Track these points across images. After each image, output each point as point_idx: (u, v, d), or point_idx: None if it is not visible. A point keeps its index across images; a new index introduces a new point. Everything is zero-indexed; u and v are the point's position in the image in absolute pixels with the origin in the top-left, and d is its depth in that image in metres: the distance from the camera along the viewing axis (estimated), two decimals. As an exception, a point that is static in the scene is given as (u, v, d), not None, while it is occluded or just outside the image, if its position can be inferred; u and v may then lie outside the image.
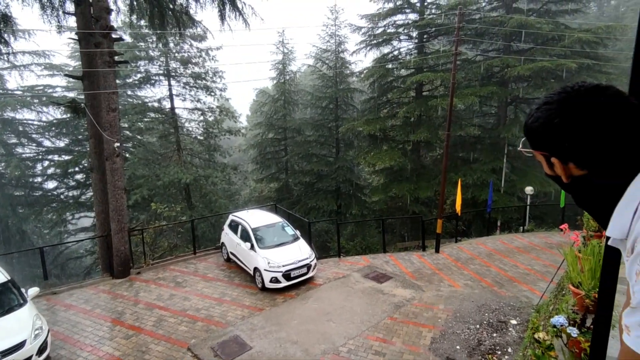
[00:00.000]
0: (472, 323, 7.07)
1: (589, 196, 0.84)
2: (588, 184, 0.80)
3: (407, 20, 21.53)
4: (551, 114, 0.80)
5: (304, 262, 9.11)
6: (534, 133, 0.85)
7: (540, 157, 0.88)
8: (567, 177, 0.82)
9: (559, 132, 0.79)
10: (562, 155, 0.81)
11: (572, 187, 0.85)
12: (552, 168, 0.85)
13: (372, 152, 19.19)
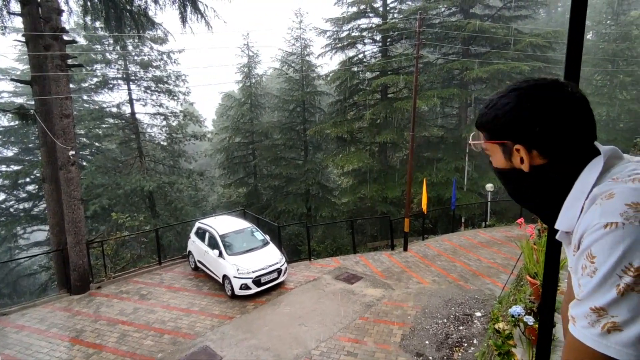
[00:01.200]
0: (440, 318, 7.28)
1: (543, 187, 0.83)
2: (546, 174, 0.81)
3: (371, 24, 21.97)
4: (521, 100, 0.81)
5: (274, 267, 9.02)
6: (499, 120, 0.84)
7: (495, 148, 0.87)
8: (529, 166, 0.82)
9: (530, 116, 0.80)
10: (530, 141, 0.81)
11: (529, 177, 0.83)
12: (509, 158, 0.85)
13: (340, 154, 19.38)
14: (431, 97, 17.29)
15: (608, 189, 0.69)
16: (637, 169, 0.72)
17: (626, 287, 0.61)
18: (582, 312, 0.66)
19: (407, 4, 22.44)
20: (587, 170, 0.77)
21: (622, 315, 0.61)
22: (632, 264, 0.60)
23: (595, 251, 0.65)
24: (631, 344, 0.61)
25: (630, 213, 0.62)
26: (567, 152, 0.80)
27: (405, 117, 18.96)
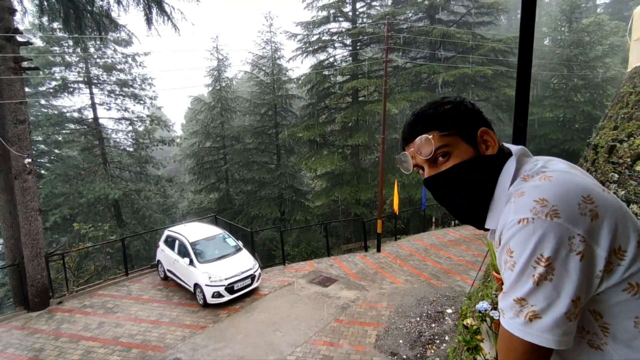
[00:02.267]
0: (413, 316, 7.41)
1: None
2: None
3: (341, 29, 22.22)
4: (456, 100, 0.89)
5: (247, 273, 8.87)
6: (456, 110, 0.86)
7: (456, 141, 0.84)
8: (495, 149, 0.85)
9: (468, 109, 0.87)
10: (469, 131, 0.85)
11: (492, 162, 0.84)
12: (475, 146, 0.85)
13: (313, 157, 19.41)
14: (401, 100, 17.68)
15: (520, 188, 0.74)
16: (544, 167, 0.77)
17: (540, 276, 0.65)
18: (508, 304, 0.70)
19: (376, 9, 22.89)
20: (505, 171, 0.83)
21: (539, 304, 0.66)
22: (543, 254, 0.65)
23: (513, 246, 0.69)
24: (549, 330, 0.65)
25: (538, 208, 0.67)
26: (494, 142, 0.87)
27: (376, 120, 19.27)
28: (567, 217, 0.65)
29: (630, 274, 0.67)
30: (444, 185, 0.86)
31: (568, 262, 0.64)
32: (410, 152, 0.89)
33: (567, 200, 0.67)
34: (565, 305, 0.65)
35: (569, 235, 0.64)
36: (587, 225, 0.65)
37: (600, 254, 0.66)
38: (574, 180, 0.71)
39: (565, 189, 0.68)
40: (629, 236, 0.67)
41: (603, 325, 0.70)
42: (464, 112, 0.86)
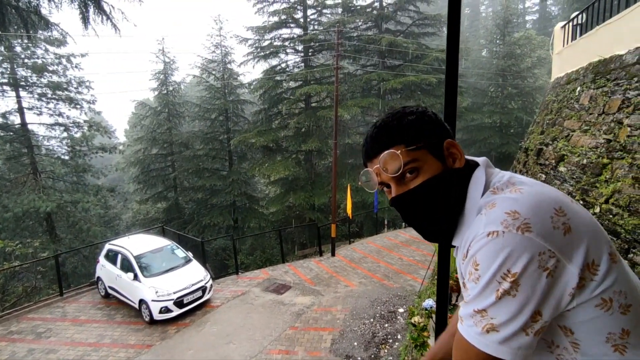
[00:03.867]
0: (367, 318, 7.52)
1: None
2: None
3: (293, 35, 22.32)
4: (418, 110, 0.84)
5: (198, 285, 8.49)
6: (420, 123, 0.80)
7: (424, 155, 0.79)
8: (462, 161, 0.81)
9: (432, 120, 0.82)
10: (436, 144, 0.80)
11: (459, 175, 0.81)
12: (442, 159, 0.80)
13: (267, 163, 19.18)
14: (352, 106, 18.09)
15: (491, 200, 0.72)
16: (512, 179, 0.76)
17: (504, 292, 0.63)
18: (468, 313, 0.69)
19: (327, 16, 23.31)
20: (473, 183, 0.79)
21: (499, 318, 0.65)
22: (510, 270, 0.63)
23: (479, 259, 0.67)
24: (505, 342, 0.65)
25: (509, 221, 0.64)
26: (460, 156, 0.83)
27: (329, 125, 19.52)
28: (539, 231, 0.63)
29: (603, 289, 0.65)
30: (414, 203, 0.80)
31: (534, 279, 0.62)
32: (375, 169, 0.81)
33: (539, 213, 0.64)
34: (524, 321, 0.64)
35: (539, 250, 0.62)
36: (560, 240, 0.63)
37: (572, 270, 0.63)
38: (545, 192, 0.69)
39: (538, 201, 0.66)
40: (601, 249, 0.66)
41: (574, 341, 0.69)
42: (428, 123, 0.81)
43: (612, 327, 0.65)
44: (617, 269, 0.66)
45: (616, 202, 3.63)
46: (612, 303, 0.65)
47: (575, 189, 4.62)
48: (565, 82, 6.92)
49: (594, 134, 4.75)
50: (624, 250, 3.27)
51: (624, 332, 0.65)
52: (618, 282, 0.65)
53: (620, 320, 0.65)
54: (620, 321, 0.65)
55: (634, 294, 0.67)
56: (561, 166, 5.40)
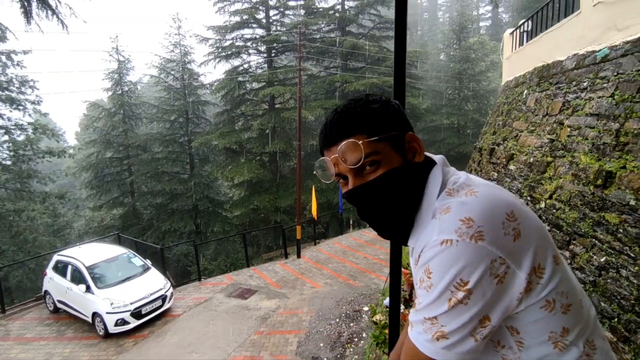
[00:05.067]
0: (333, 318, 7.54)
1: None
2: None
3: (255, 35, 22.07)
4: (383, 99, 0.79)
5: (157, 294, 8.13)
6: (384, 113, 0.76)
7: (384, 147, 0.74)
8: (422, 156, 0.78)
9: (396, 110, 0.78)
10: (398, 136, 0.76)
11: (418, 169, 0.77)
12: (403, 152, 0.76)
13: (230, 165, 18.79)
14: (316, 108, 18.15)
15: (445, 203, 0.70)
16: (468, 180, 0.74)
17: (457, 301, 0.63)
18: (418, 319, 0.69)
19: (290, 17, 23.26)
20: (430, 181, 0.76)
21: (450, 326, 0.65)
22: (463, 279, 0.63)
23: (432, 267, 0.65)
24: (453, 349, 0.65)
25: (463, 229, 0.63)
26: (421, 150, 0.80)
27: (293, 126, 19.46)
28: (491, 239, 0.63)
29: (548, 291, 0.66)
30: (371, 197, 0.75)
31: (486, 287, 0.63)
32: (333, 159, 0.75)
33: (492, 219, 0.64)
34: (472, 326, 0.64)
35: (491, 259, 0.62)
36: (510, 246, 0.63)
37: (520, 275, 0.64)
38: (498, 195, 0.69)
39: (492, 207, 0.66)
40: (547, 253, 0.67)
41: (519, 340, 0.70)
42: (392, 114, 0.76)
43: (554, 327, 0.68)
44: (560, 271, 0.68)
45: (559, 198, 3.88)
46: (555, 304, 0.67)
47: (524, 186, 4.90)
48: (514, 85, 7.34)
49: (539, 134, 5.07)
50: (565, 242, 3.51)
51: (564, 330, 0.68)
52: (561, 283, 0.67)
53: (561, 319, 0.68)
54: (561, 320, 0.68)
55: (574, 293, 0.69)
56: (511, 165, 5.71)
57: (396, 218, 0.77)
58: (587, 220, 3.27)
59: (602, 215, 3.10)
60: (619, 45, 3.81)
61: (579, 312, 0.69)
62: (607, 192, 3.13)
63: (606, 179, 3.19)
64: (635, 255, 2.62)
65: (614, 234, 2.88)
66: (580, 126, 4.01)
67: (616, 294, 2.68)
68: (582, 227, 3.30)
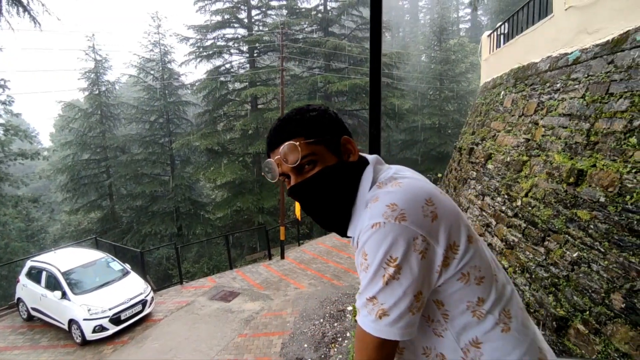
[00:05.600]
0: (317, 318, 7.53)
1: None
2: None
3: (237, 35, 21.87)
4: (321, 108, 0.90)
5: (137, 299, 7.93)
6: (320, 119, 0.87)
7: (321, 149, 0.84)
8: (356, 156, 0.88)
9: (332, 117, 0.89)
10: (333, 139, 0.87)
11: (354, 168, 0.87)
12: (338, 154, 0.86)
13: (212, 167, 18.53)
14: (299, 108, 18.08)
15: (375, 194, 0.79)
16: (395, 174, 0.84)
17: (389, 277, 0.71)
18: (362, 303, 0.75)
19: (272, 17, 23.15)
20: (364, 178, 0.86)
21: (388, 302, 0.72)
22: (392, 256, 0.71)
23: (367, 249, 0.73)
24: (395, 324, 0.72)
25: (389, 213, 0.72)
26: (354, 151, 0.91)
27: (276, 127, 19.33)
28: (413, 220, 0.71)
29: (462, 265, 0.76)
30: (309, 192, 0.85)
31: (412, 261, 0.71)
32: (276, 160, 0.85)
33: (413, 204, 0.73)
34: (409, 301, 0.71)
35: (413, 236, 0.71)
36: (429, 226, 0.73)
37: (438, 250, 0.74)
38: (419, 185, 0.79)
39: (413, 194, 0.75)
40: (460, 232, 0.77)
41: (444, 312, 0.79)
42: (328, 121, 0.88)
43: (470, 297, 0.77)
44: (474, 248, 0.78)
45: (534, 196, 3.99)
46: (469, 276, 0.76)
47: (501, 184, 5.02)
48: (491, 86, 7.52)
49: (516, 134, 5.21)
50: (540, 238, 3.61)
51: (480, 300, 0.77)
52: (474, 258, 0.77)
53: (476, 290, 0.77)
54: (476, 291, 0.77)
55: (487, 268, 0.79)
56: (489, 164, 5.85)
57: (334, 211, 0.87)
58: (561, 217, 3.38)
59: (574, 212, 3.20)
60: (589, 48, 3.95)
61: (492, 284, 0.78)
62: (579, 189, 3.23)
63: (578, 177, 3.30)
64: (605, 250, 2.72)
65: (585, 230, 2.99)
66: (554, 126, 4.14)
67: (588, 287, 2.78)
68: (556, 224, 3.41)
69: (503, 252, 4.28)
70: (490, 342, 0.77)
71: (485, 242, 4.97)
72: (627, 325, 2.33)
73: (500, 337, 0.77)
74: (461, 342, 0.78)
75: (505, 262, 4.16)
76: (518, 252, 3.96)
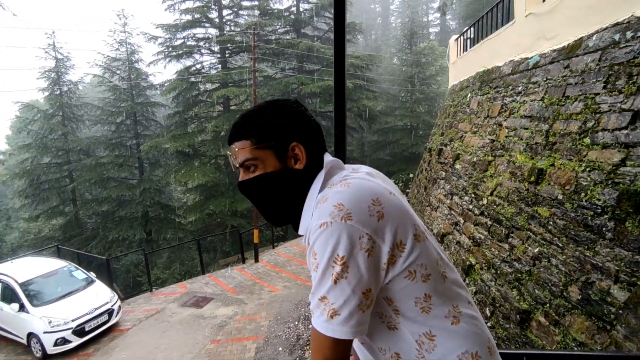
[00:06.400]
0: (291, 321, 7.48)
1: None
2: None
3: (208, 35, 21.46)
4: (278, 108, 0.90)
5: (103, 308, 7.62)
6: (270, 122, 0.88)
7: (267, 153, 0.87)
8: (304, 164, 0.88)
9: (293, 118, 0.90)
10: (301, 139, 0.89)
11: (301, 175, 0.88)
12: (284, 160, 0.88)
13: (183, 169, 18.03)
14: (272, 109, 17.96)
15: (324, 195, 0.81)
16: (347, 175, 0.86)
17: (337, 275, 0.72)
18: (315, 303, 0.76)
19: (244, 17, 22.89)
20: (315, 182, 0.88)
21: (338, 302, 0.72)
22: (339, 254, 0.72)
23: (316, 248, 0.75)
24: (346, 323, 0.72)
25: (335, 212, 0.74)
26: (317, 154, 0.91)
27: (249, 128, 19.09)
28: (358, 219, 0.73)
29: (409, 263, 0.77)
30: (251, 192, 0.91)
31: (358, 259, 0.72)
32: (232, 153, 0.91)
33: (359, 204, 0.75)
34: (358, 299, 0.72)
35: (359, 235, 0.72)
36: (374, 224, 0.74)
37: (384, 249, 0.75)
38: (367, 185, 0.80)
39: (360, 194, 0.77)
40: (407, 231, 0.78)
41: (395, 308, 0.81)
42: (281, 125, 0.88)
43: (417, 293, 0.79)
44: (420, 247, 0.80)
45: (498, 194, 4.15)
46: (416, 274, 0.79)
47: (469, 184, 5.18)
48: (459, 89, 7.76)
49: (482, 135, 5.39)
50: (505, 235, 3.75)
51: (427, 296, 0.80)
52: (420, 256, 0.79)
53: (422, 286, 0.79)
54: (422, 287, 0.79)
55: (433, 265, 0.82)
56: (457, 164, 6.02)
57: (276, 211, 0.92)
58: (523, 214, 3.52)
59: (535, 210, 3.34)
60: (548, 53, 4.15)
61: (439, 281, 0.82)
62: (539, 188, 3.38)
63: (538, 176, 3.45)
64: (563, 245, 2.86)
65: (545, 226, 3.13)
66: (516, 127, 4.32)
67: (548, 281, 2.90)
68: (519, 221, 3.55)
69: (470, 250, 4.41)
70: (442, 334, 0.80)
71: (454, 240, 5.11)
72: (583, 315, 2.45)
73: (451, 329, 0.80)
74: (415, 335, 0.81)
75: (472, 259, 4.29)
76: (484, 249, 4.09)
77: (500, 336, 3.28)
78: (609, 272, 2.36)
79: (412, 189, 10.30)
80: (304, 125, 0.91)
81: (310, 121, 0.93)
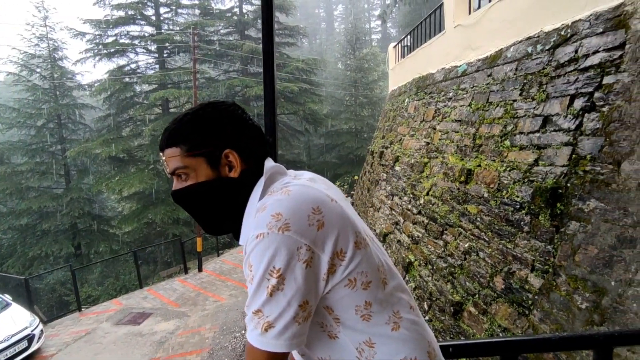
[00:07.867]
0: (238, 330, 7.25)
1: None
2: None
3: (144, 33, 20.26)
4: (209, 113, 0.84)
5: (21, 334, 6.76)
6: (202, 129, 0.83)
7: (198, 161, 0.83)
8: (240, 171, 0.84)
9: (230, 122, 0.85)
10: (236, 146, 0.84)
11: (237, 183, 0.84)
12: (217, 167, 0.83)
13: (117, 176, 16.75)
14: (215, 112, 17.41)
15: (263, 203, 0.77)
16: (287, 182, 0.82)
17: (273, 288, 0.69)
18: (249, 317, 0.73)
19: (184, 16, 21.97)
20: (257, 186, 0.85)
21: (273, 314, 0.70)
22: (275, 267, 0.69)
23: (252, 260, 0.72)
24: (281, 336, 0.70)
25: (273, 223, 0.71)
26: (257, 160, 0.87)
27: (190, 132, 18.30)
28: (296, 230, 0.71)
29: (349, 271, 0.76)
30: (184, 202, 0.86)
31: (296, 271, 0.70)
32: (164, 159, 0.86)
33: (298, 213, 0.73)
34: (294, 311, 0.70)
35: (297, 246, 0.70)
36: (314, 235, 0.72)
37: (324, 258, 0.73)
38: (307, 193, 0.78)
39: (299, 202, 0.74)
40: (348, 239, 0.77)
41: (335, 317, 0.79)
42: (214, 132, 0.84)
43: (358, 301, 0.78)
44: (361, 254, 0.78)
45: (434, 194, 4.38)
46: (356, 282, 0.77)
47: (407, 184, 5.42)
48: (398, 94, 8.12)
49: (418, 138, 5.68)
50: (439, 232, 3.96)
51: (367, 304, 0.79)
52: (361, 264, 0.78)
53: (362, 294, 0.78)
54: (363, 295, 0.78)
55: (374, 272, 0.80)
56: (397, 166, 6.28)
57: (210, 221, 0.89)
58: (455, 212, 3.75)
59: (465, 207, 3.58)
60: (474, 62, 4.49)
61: (380, 288, 0.81)
62: (468, 187, 3.63)
63: (467, 176, 3.70)
64: (489, 239, 3.08)
65: (474, 223, 3.35)
66: (448, 131, 4.60)
67: (477, 273, 3.11)
68: (452, 219, 3.77)
69: (410, 247, 4.61)
70: (382, 341, 0.80)
71: (395, 239, 5.31)
72: (506, 303, 2.66)
73: (391, 335, 0.80)
74: (355, 343, 0.80)
75: (412, 256, 4.48)
76: (422, 246, 4.30)
77: (437, 328, 3.45)
78: (527, 261, 2.58)
79: (357, 191, 10.56)
80: (242, 129, 0.87)
81: (249, 124, 0.88)
